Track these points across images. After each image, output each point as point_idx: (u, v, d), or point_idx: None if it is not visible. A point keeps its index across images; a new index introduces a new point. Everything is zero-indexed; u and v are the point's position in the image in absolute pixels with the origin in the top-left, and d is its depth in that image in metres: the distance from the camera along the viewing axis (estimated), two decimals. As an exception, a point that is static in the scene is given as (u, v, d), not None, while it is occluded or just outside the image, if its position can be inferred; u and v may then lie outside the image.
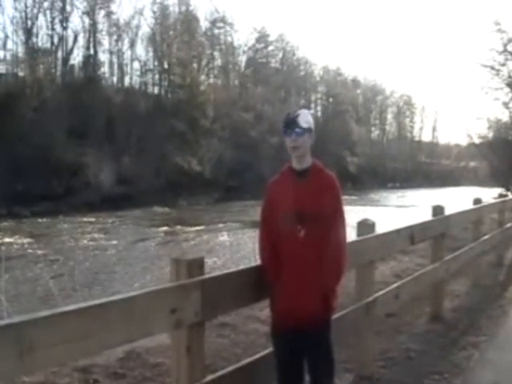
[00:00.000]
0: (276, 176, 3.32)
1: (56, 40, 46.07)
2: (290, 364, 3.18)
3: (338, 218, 3.12)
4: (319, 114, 75.07)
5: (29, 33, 43.91)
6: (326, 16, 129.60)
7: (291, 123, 3.15)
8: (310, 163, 3.19)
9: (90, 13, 48.17)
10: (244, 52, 65.60)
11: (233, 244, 21.09)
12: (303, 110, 3.25)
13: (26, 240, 22.02)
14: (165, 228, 26.61)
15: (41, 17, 44.96)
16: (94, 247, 20.74)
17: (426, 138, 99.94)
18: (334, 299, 3.15)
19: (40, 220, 29.20)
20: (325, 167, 3.23)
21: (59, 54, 46.42)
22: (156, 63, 53.87)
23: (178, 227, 26.86)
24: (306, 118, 3.17)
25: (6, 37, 44.20)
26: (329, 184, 3.15)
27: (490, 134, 36.29)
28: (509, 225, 10.74)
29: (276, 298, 3.16)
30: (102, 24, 49.81)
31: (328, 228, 3.06)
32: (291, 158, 3.22)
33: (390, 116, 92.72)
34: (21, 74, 43.16)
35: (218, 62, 61.79)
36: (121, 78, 52.09)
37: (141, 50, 57.22)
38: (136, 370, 4.49)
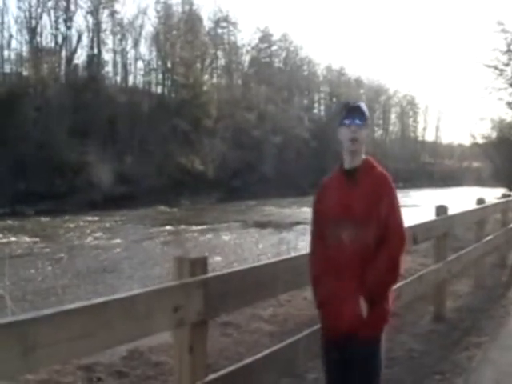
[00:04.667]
0: (329, 175, 3.10)
1: (60, 39, 46.19)
2: (335, 374, 3.00)
3: (396, 215, 2.88)
4: (322, 113, 75.07)
5: (33, 32, 44.00)
6: (330, 16, 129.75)
7: (354, 110, 2.91)
8: (361, 161, 2.94)
9: (94, 12, 48.24)
10: (247, 52, 65.72)
11: (236, 243, 21.10)
12: (360, 102, 3.04)
13: (30, 239, 22.06)
14: (167, 227, 26.62)
15: (45, 16, 45.14)
16: (97, 246, 20.77)
17: (429, 137, 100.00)
18: (383, 311, 2.91)
19: (43, 219, 29.26)
20: (378, 164, 2.98)
21: (63, 53, 46.51)
22: (159, 63, 53.94)
23: (181, 227, 26.87)
24: (366, 110, 2.95)
25: (10, 36, 44.37)
26: (382, 184, 2.89)
27: (494, 134, 36.22)
28: (512, 225, 10.72)
29: (324, 306, 2.98)
30: (106, 23, 49.98)
31: (387, 227, 2.81)
32: (343, 155, 2.96)
33: (393, 116, 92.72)
34: (25, 73, 43.28)
35: (222, 61, 61.89)
36: (124, 78, 52.21)
37: (144, 49, 57.67)
38: (139, 369, 4.50)
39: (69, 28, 46.50)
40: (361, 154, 2.95)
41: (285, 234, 23.58)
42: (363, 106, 2.97)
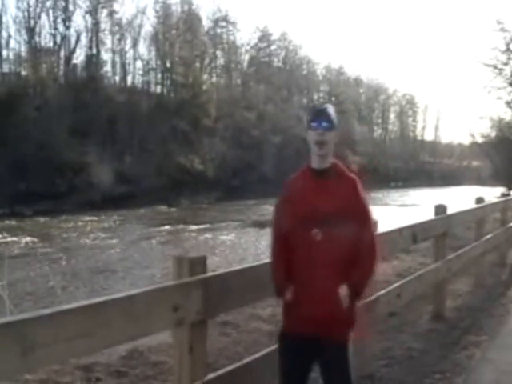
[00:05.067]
0: (294, 175, 3.08)
1: (59, 39, 46.16)
2: (295, 372, 2.96)
3: (366, 219, 2.91)
4: (321, 113, 74.97)
5: (31, 32, 43.97)
6: (329, 15, 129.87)
7: (321, 113, 2.91)
8: (331, 163, 2.94)
9: (93, 12, 48.21)
10: (246, 51, 65.68)
11: (235, 243, 21.11)
12: (328, 104, 3.04)
13: (29, 239, 22.05)
14: (167, 227, 26.62)
15: (43, 16, 45.11)
16: (96, 246, 20.76)
17: (429, 137, 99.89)
18: (353, 313, 2.94)
19: (42, 219, 29.24)
20: (347, 168, 2.98)
21: (62, 53, 46.48)
22: (158, 62, 53.91)
23: (180, 226, 26.86)
24: (333, 113, 2.96)
25: (9, 36, 44.33)
26: (350, 185, 2.92)
27: (493, 134, 36.17)
28: (511, 224, 10.73)
29: (290, 302, 2.95)
30: (105, 23, 49.95)
31: (361, 230, 2.87)
32: (311, 157, 2.96)
33: (392, 115, 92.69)
34: (23, 73, 43.27)
35: (221, 61, 61.87)
36: (123, 78, 52.17)
37: (143, 49, 57.52)
38: (138, 369, 4.50)
39: (67, 28, 46.53)
40: (329, 157, 2.95)
41: (284, 233, 23.53)
42: (330, 108, 2.98)
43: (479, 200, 8.79)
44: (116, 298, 2.51)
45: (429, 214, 6.71)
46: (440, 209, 6.54)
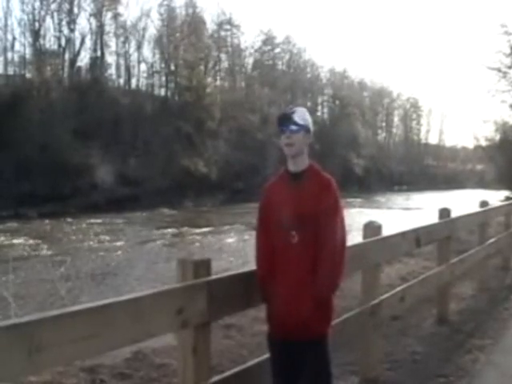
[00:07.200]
0: (272, 179, 3.16)
1: (63, 42, 46.34)
2: (284, 371, 3.06)
3: (335, 221, 2.93)
4: (326, 116, 75.07)
5: (36, 35, 44.14)
6: (333, 18, 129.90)
7: (285, 119, 3.01)
8: (307, 165, 3.02)
9: (97, 15, 48.37)
10: (250, 54, 65.80)
11: (239, 246, 21.10)
12: (300, 107, 3.11)
13: (33, 241, 22.09)
14: (171, 229, 26.64)
15: (48, 19, 45.31)
16: (101, 248, 20.78)
17: (433, 140, 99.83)
18: (329, 310, 3.02)
19: (46, 221, 29.28)
20: (322, 170, 3.06)
21: (66, 55, 46.69)
22: (163, 65, 54.02)
23: (184, 229, 26.88)
24: (302, 116, 3.02)
25: (14, 38, 44.53)
26: (325, 187, 2.97)
27: (497, 137, 36.10)
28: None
29: (271, 305, 3.06)
30: (109, 26, 50.12)
31: (323, 233, 2.90)
32: (287, 160, 3.05)
33: (396, 118, 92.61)
34: (28, 75, 43.43)
35: (225, 64, 61.93)
36: (127, 80, 52.29)
37: (148, 52, 57.67)
38: (142, 371, 4.50)
39: (72, 30, 46.70)
40: (303, 159, 3.02)
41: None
42: (300, 111, 3.04)
43: (483, 203, 8.78)
44: (121, 301, 2.51)
45: (432, 218, 6.71)
46: (444, 212, 6.54)
